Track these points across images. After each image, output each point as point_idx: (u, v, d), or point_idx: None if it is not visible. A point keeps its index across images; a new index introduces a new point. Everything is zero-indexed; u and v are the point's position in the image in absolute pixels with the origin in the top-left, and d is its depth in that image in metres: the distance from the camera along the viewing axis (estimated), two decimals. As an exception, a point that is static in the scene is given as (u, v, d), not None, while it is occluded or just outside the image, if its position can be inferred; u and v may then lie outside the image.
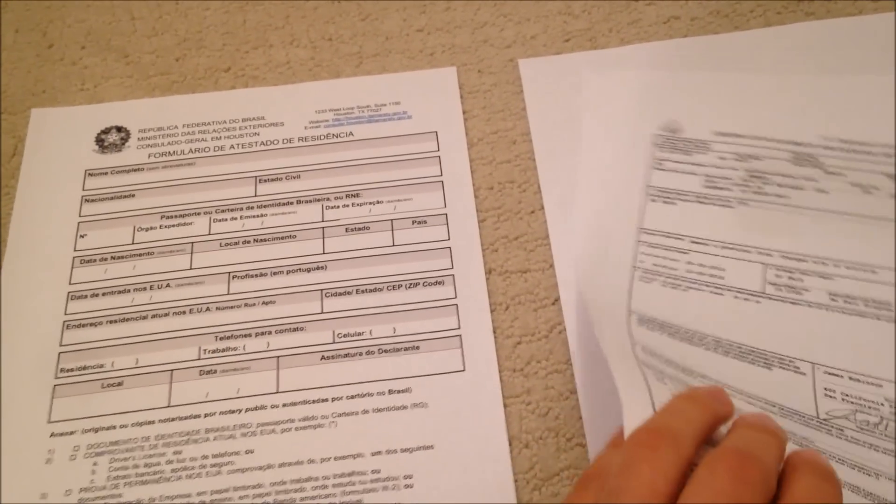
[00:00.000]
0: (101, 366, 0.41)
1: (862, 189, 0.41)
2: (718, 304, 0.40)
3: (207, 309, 0.42)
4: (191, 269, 0.43)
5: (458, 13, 0.52)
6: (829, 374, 0.38)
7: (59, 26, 0.52)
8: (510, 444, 0.39)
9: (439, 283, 0.43)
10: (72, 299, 0.43)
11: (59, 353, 0.41)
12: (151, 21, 0.52)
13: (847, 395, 0.37)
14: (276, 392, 0.40)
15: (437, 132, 0.48)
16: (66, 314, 0.42)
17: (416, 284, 0.43)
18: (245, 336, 0.42)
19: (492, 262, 0.44)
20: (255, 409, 0.40)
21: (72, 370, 0.41)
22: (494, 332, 0.42)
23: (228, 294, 0.43)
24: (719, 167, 0.42)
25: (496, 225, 0.45)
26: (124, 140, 0.48)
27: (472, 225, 0.45)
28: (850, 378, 0.38)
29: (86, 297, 0.43)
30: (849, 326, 0.39)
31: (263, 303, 0.42)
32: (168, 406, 0.40)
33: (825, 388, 0.38)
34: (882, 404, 0.37)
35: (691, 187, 0.42)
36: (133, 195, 0.46)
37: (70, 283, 0.43)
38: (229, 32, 0.52)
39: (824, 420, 0.37)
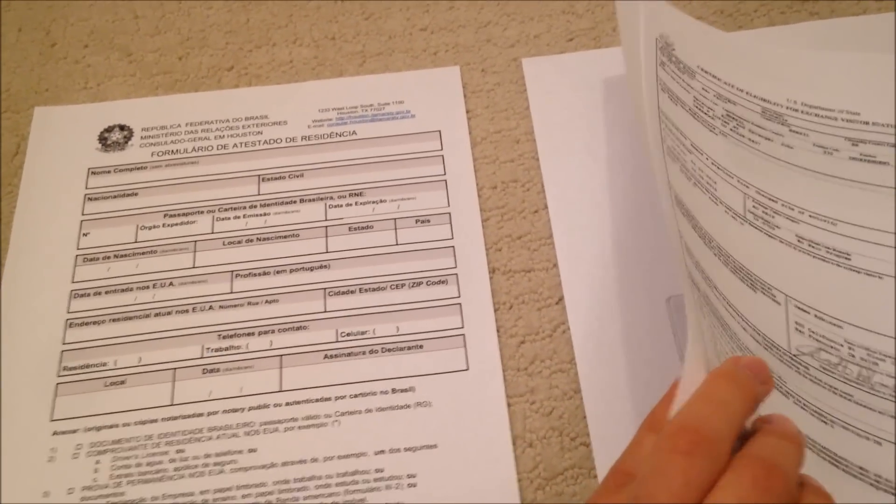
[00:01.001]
0: (104, 364, 0.41)
1: (823, 150, 0.43)
2: (714, 211, 0.42)
3: (210, 308, 0.42)
4: (194, 267, 0.43)
5: (461, 12, 0.51)
6: (799, 308, 0.40)
7: (62, 25, 0.52)
8: (514, 444, 0.39)
9: (443, 282, 0.43)
10: (74, 297, 0.43)
11: (62, 351, 0.41)
12: (154, 20, 0.52)
13: (813, 332, 0.39)
14: (279, 391, 0.40)
15: (440, 131, 0.48)
16: (68, 312, 0.42)
17: (420, 283, 0.43)
18: (248, 335, 0.41)
19: (495, 261, 0.44)
20: (258, 407, 0.40)
21: (74, 368, 0.41)
22: (498, 331, 0.42)
23: (231, 293, 0.43)
24: (703, 97, 0.44)
25: (500, 224, 0.45)
26: (127, 138, 0.48)
27: (476, 224, 0.45)
28: (816, 316, 0.39)
29: (88, 295, 0.43)
30: (814, 268, 0.41)
31: (266, 301, 0.42)
32: (171, 405, 0.40)
33: (796, 322, 0.39)
34: (841, 345, 0.39)
35: (686, 99, 0.44)
36: (136, 194, 0.46)
37: (73, 282, 0.43)
38: (232, 31, 0.52)
39: (794, 356, 0.39)
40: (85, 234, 0.44)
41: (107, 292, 0.43)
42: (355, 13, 0.52)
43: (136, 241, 0.44)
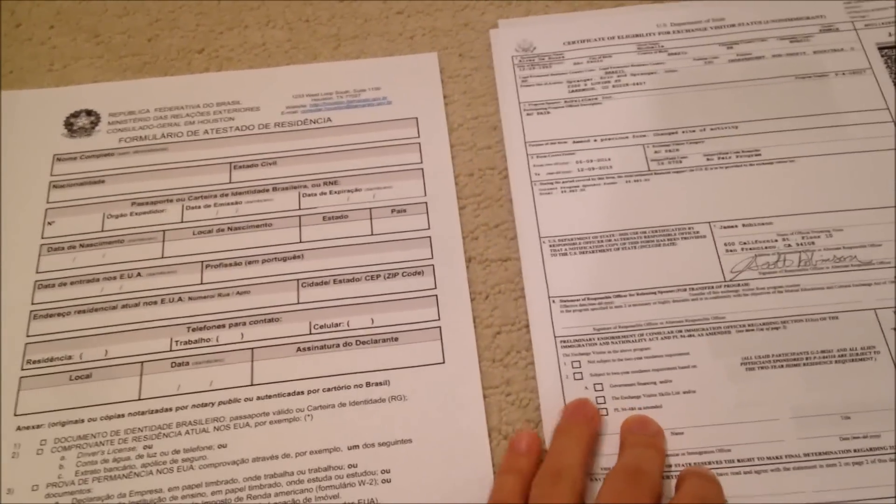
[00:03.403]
0: (69, 357, 0.40)
1: (704, 61, 0.48)
2: (615, 193, 0.44)
3: (179, 299, 0.41)
4: (162, 257, 0.42)
5: (438, -5, 0.51)
6: (725, 227, 0.42)
7: (27, 5, 0.50)
8: (489, 436, 0.39)
9: (419, 272, 0.42)
10: (39, 288, 0.42)
11: (26, 343, 0.40)
12: (123, 1, 0.50)
13: (745, 243, 0.42)
14: (251, 385, 0.39)
15: (417, 118, 0.47)
16: (33, 304, 0.41)
17: (395, 274, 0.42)
18: (218, 327, 0.41)
19: (472, 250, 0.43)
20: (229, 402, 0.39)
21: (39, 362, 0.40)
22: (474, 321, 0.41)
23: (201, 284, 0.42)
24: (577, 72, 0.47)
25: (476, 212, 0.44)
26: (94, 124, 0.46)
27: (453, 214, 0.44)
28: (744, 225, 0.42)
29: (53, 286, 0.42)
30: (729, 179, 0.44)
31: (238, 293, 0.42)
32: (138, 399, 0.39)
33: (725, 244, 0.42)
34: (776, 241, 0.42)
35: (559, 95, 0.47)
36: (103, 181, 0.44)
37: (37, 272, 0.42)
38: (203, 13, 0.50)
39: (731, 281, 0.41)
40: (50, 223, 0.43)
41: (72, 283, 0.42)
42: (330, -5, 0.51)
43: (102, 230, 0.43)
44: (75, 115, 0.47)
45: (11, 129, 0.46)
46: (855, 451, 0.37)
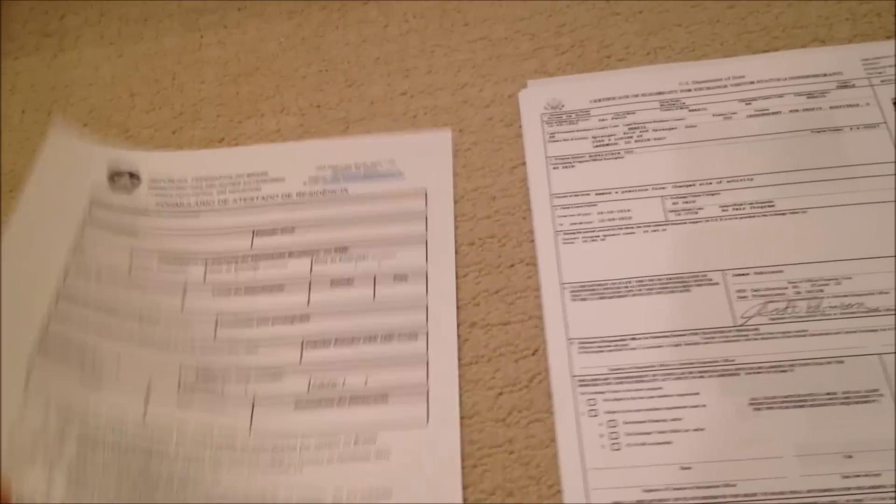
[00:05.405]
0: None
1: (723, 117, 0.49)
2: (633, 242, 0.46)
3: (192, 349, 0.44)
4: (182, 311, 0.45)
5: (439, 76, 0.54)
6: (737, 275, 0.44)
7: (62, 105, 0.55)
8: (493, 494, 0.39)
9: (413, 337, 0.44)
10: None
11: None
12: (150, 96, 0.55)
13: (756, 290, 0.43)
14: (249, 435, 0.41)
15: (426, 190, 0.49)
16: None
17: (391, 338, 0.44)
18: (224, 380, 0.43)
19: (474, 315, 0.45)
20: (227, 448, 0.41)
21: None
22: (477, 383, 0.42)
23: (214, 339, 0.44)
24: (602, 128, 0.50)
25: (477, 280, 0.46)
26: (135, 185, 0.50)
27: (450, 283, 0.45)
28: (756, 273, 0.44)
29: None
30: (742, 229, 0.45)
31: (246, 350, 0.44)
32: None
33: (737, 291, 0.43)
34: (786, 288, 0.43)
35: (584, 150, 0.49)
36: (135, 234, 0.48)
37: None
38: (223, 104, 0.54)
39: (741, 326, 0.42)
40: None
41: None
42: (338, 81, 0.54)
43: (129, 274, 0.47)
44: (119, 173, 0.50)
45: (55, 165, 0.51)
46: (857, 488, 0.37)
